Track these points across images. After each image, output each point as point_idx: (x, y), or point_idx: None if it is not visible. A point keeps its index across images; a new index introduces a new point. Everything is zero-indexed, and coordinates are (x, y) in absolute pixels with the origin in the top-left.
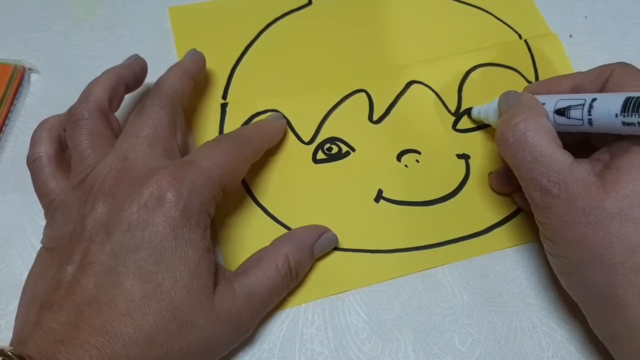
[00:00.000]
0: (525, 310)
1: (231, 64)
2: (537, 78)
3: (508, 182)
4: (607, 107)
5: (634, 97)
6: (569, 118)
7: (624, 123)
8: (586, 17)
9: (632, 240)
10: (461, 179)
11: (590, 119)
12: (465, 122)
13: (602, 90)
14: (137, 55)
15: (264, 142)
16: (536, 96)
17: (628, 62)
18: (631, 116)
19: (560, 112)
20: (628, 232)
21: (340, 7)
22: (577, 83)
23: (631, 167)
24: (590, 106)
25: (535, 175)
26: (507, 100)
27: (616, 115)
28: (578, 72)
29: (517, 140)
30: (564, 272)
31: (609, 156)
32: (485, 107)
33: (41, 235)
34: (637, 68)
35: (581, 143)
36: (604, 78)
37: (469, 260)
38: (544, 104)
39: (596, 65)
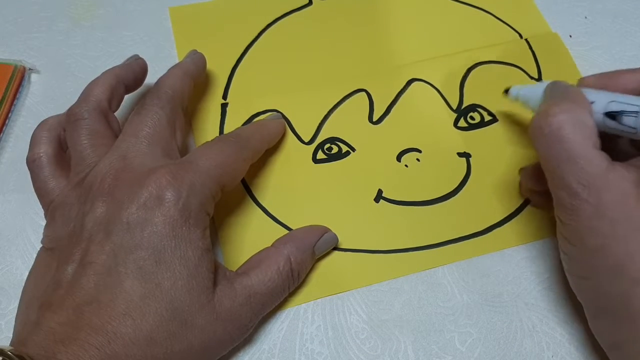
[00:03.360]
0: (525, 310)
1: (231, 64)
2: (540, 75)
3: (543, 179)
4: None
5: None
6: (621, 124)
7: None
8: (586, 17)
9: None
10: (462, 177)
11: None
12: (466, 120)
13: None
14: (137, 55)
15: (263, 142)
16: (587, 92)
17: (628, 62)
18: None
19: (611, 116)
20: None
21: (340, 7)
22: None
23: None
24: None
25: (565, 174)
26: (553, 91)
27: None
28: None
29: (552, 132)
30: (576, 274)
31: None
32: (527, 89)
33: (41, 235)
34: None
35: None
36: None
37: (469, 260)
38: (592, 102)
39: (596, 66)
